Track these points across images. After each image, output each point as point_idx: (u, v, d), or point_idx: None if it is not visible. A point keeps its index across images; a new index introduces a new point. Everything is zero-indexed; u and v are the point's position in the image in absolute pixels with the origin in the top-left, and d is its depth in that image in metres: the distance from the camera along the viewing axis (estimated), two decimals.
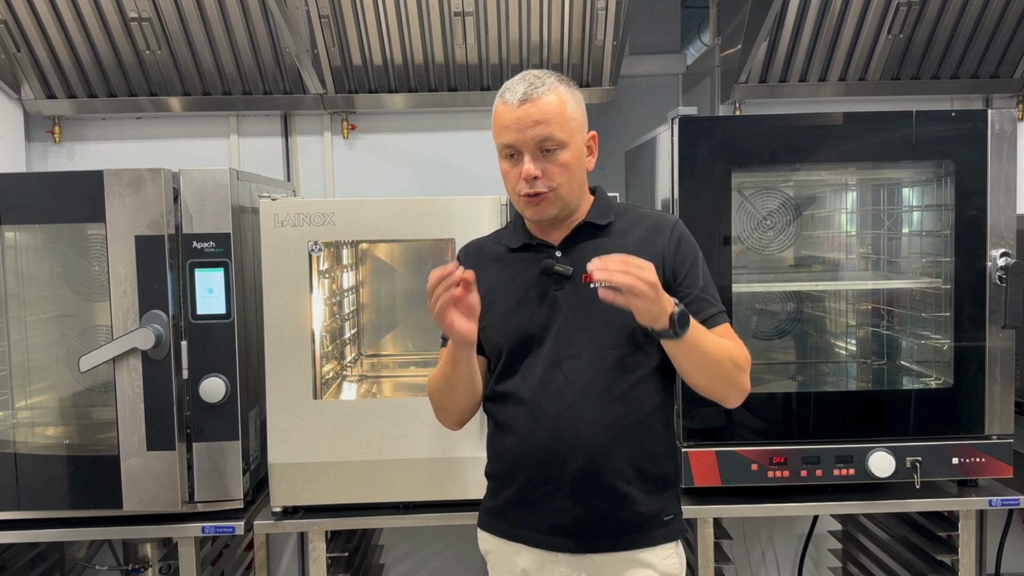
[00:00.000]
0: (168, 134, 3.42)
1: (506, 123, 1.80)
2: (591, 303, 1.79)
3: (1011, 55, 3.25)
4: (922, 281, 2.71)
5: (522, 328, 1.87)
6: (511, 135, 1.80)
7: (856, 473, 2.53)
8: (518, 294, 1.89)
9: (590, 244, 1.87)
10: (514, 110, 1.79)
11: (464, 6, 3.03)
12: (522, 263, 1.91)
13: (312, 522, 2.50)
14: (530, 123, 1.78)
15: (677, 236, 1.89)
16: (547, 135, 1.79)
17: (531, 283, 1.88)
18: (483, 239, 2.04)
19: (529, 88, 1.80)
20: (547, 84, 1.82)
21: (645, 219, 1.92)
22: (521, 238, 1.93)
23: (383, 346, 3.15)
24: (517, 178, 1.82)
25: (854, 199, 3.07)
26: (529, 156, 1.80)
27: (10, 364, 2.59)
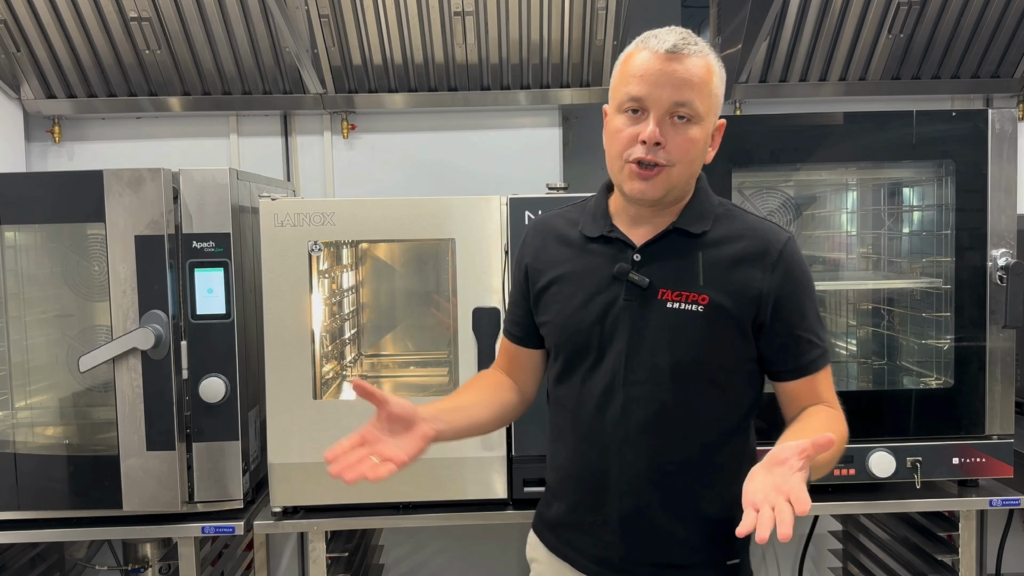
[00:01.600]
0: (168, 134, 3.42)
1: (643, 71, 1.53)
2: (664, 324, 1.59)
3: (1011, 55, 3.25)
4: (922, 281, 2.70)
5: (582, 337, 1.65)
6: (644, 87, 1.53)
7: (856, 473, 2.53)
8: (583, 295, 1.65)
9: (676, 250, 1.62)
10: (657, 60, 1.53)
11: (464, 6, 3.03)
12: (594, 258, 1.66)
13: (312, 522, 2.50)
14: (675, 80, 1.52)
15: (784, 267, 1.61)
16: (687, 100, 1.53)
17: (600, 285, 1.64)
18: (554, 215, 1.79)
19: (681, 42, 1.55)
20: (700, 46, 1.57)
21: (748, 232, 1.64)
22: (600, 227, 1.67)
23: (383, 346, 3.15)
24: (631, 140, 1.54)
25: (854, 199, 3.07)
26: (656, 118, 1.53)
27: (10, 364, 2.59)
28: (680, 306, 1.58)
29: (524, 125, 3.44)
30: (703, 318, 1.59)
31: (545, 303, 1.71)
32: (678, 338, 1.58)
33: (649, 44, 1.57)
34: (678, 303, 1.58)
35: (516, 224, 2.45)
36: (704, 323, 1.59)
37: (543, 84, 3.33)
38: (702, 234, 1.63)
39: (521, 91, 3.33)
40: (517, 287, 1.80)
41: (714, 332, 1.60)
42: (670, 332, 1.59)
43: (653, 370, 1.61)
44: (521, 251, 1.79)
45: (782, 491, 1.29)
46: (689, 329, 1.59)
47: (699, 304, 1.59)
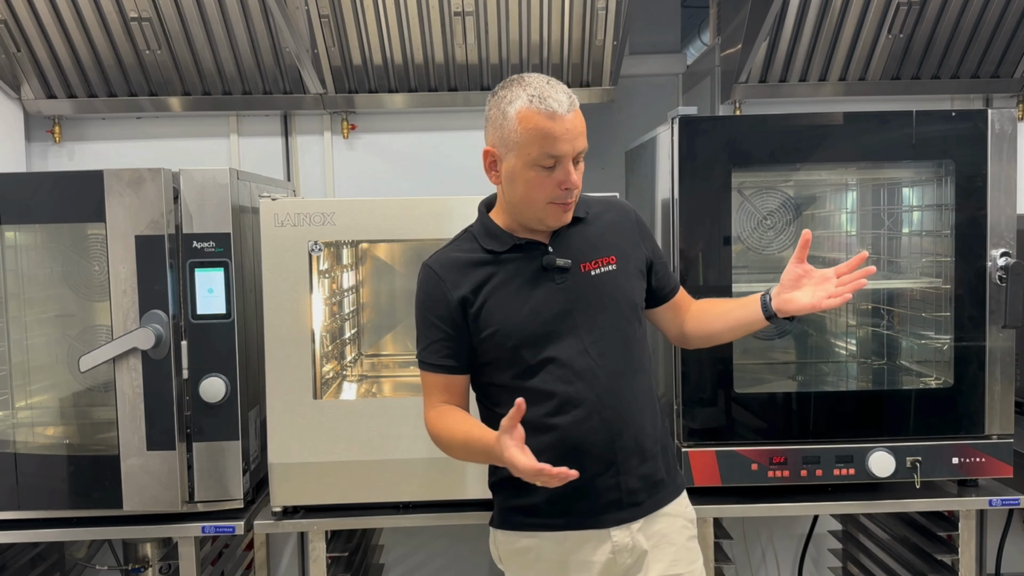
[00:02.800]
0: (168, 134, 3.42)
1: (557, 133, 1.81)
2: (595, 288, 1.95)
3: (1011, 55, 3.25)
4: (922, 281, 2.71)
5: (539, 324, 1.91)
6: (559, 145, 1.82)
7: (856, 473, 2.53)
8: (522, 294, 1.93)
9: (574, 233, 1.98)
10: (563, 120, 1.82)
11: (464, 6, 3.03)
12: (514, 264, 1.95)
13: (312, 522, 2.50)
14: (577, 134, 1.85)
15: (637, 217, 2.09)
16: (585, 147, 1.89)
17: (532, 281, 1.93)
18: (445, 252, 2.02)
19: (570, 99, 1.85)
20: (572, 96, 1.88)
21: (606, 205, 2.07)
22: (507, 240, 1.96)
23: (383, 346, 3.15)
24: (553, 186, 1.86)
25: (854, 199, 3.07)
26: (572, 166, 1.86)
27: (10, 364, 2.59)
28: (601, 270, 1.96)
29: None
30: (620, 272, 1.99)
31: (485, 319, 1.92)
32: (610, 293, 1.96)
33: (549, 106, 1.81)
34: (598, 268, 1.96)
35: None
36: (622, 275, 1.99)
37: None
38: (585, 216, 2.01)
39: None
40: (447, 322, 1.95)
41: (629, 281, 2.00)
42: (603, 291, 1.95)
43: (604, 326, 1.94)
44: (441, 290, 1.96)
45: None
46: (618, 283, 1.98)
47: (611, 264, 1.98)
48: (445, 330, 1.96)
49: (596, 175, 3.76)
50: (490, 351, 1.94)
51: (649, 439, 1.97)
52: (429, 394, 2.01)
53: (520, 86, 1.86)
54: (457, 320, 1.94)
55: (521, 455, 1.69)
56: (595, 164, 3.82)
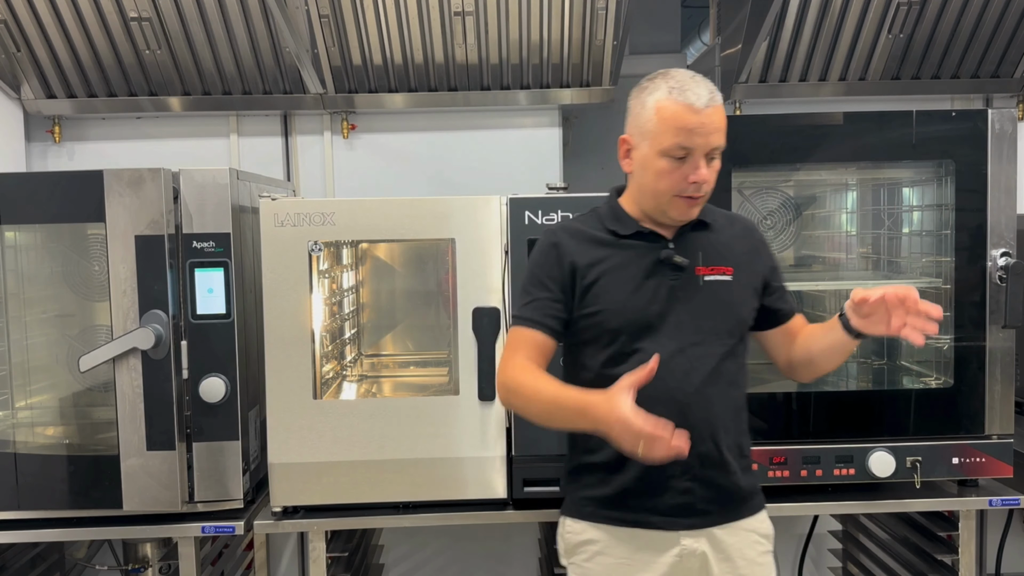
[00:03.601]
0: (168, 134, 3.42)
1: (690, 125, 1.83)
2: (706, 294, 1.95)
3: (1011, 55, 3.25)
4: (922, 281, 2.70)
5: (641, 315, 1.91)
6: (693, 138, 1.83)
7: (856, 473, 2.53)
8: (635, 281, 1.93)
9: (699, 238, 1.98)
10: (698, 113, 1.83)
11: (464, 6, 3.03)
12: (634, 251, 1.95)
13: (312, 522, 2.50)
14: (712, 129, 1.85)
15: (761, 236, 2.11)
16: (720, 144, 1.88)
17: (647, 271, 1.94)
18: (572, 223, 2.04)
19: (711, 95, 1.86)
20: (717, 91, 1.89)
21: (732, 219, 2.10)
22: (631, 226, 1.97)
23: (383, 346, 3.15)
24: (681, 179, 1.87)
25: (854, 199, 3.07)
26: (703, 161, 1.86)
27: (10, 364, 2.59)
28: (715, 278, 1.96)
29: (524, 125, 3.44)
30: (734, 285, 1.98)
31: (593, 297, 1.93)
32: (719, 302, 1.95)
33: (688, 98, 1.84)
34: (713, 276, 1.96)
35: (516, 224, 2.45)
36: (736, 289, 1.98)
37: (543, 84, 3.33)
38: (711, 223, 2.01)
39: (521, 91, 3.33)
40: (559, 284, 1.96)
41: (741, 296, 1.99)
42: (712, 299, 1.95)
43: (707, 332, 1.93)
44: (559, 252, 1.98)
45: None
46: (728, 295, 1.97)
47: (726, 274, 1.97)
48: (554, 291, 1.95)
49: (596, 175, 3.76)
50: (589, 330, 1.95)
51: (732, 453, 1.96)
52: (516, 350, 1.95)
53: (663, 78, 1.90)
54: (567, 285, 1.95)
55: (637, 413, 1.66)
56: (595, 164, 3.83)
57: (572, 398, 1.82)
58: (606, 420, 1.71)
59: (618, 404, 1.68)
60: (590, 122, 3.83)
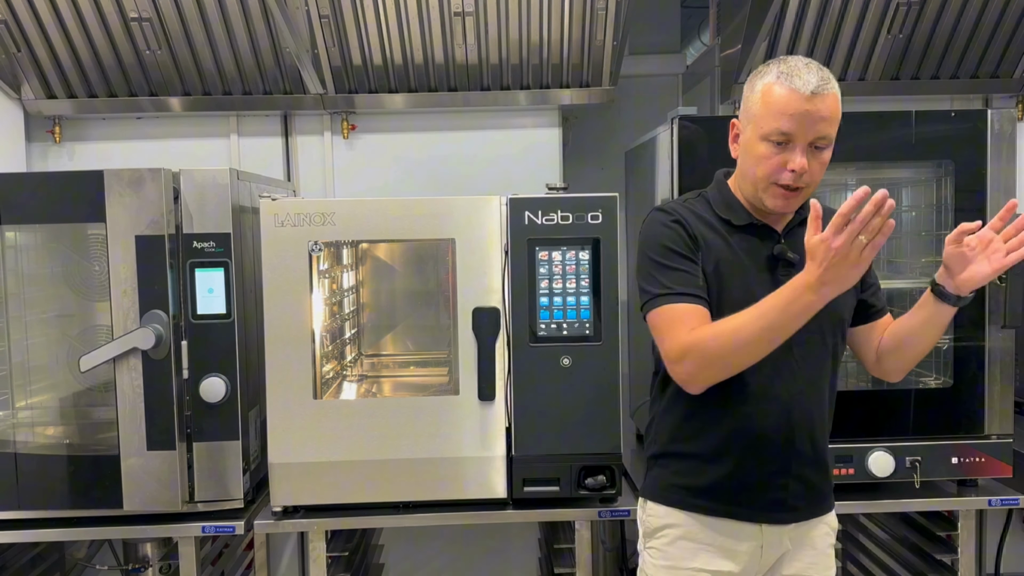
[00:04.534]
0: (168, 134, 3.42)
1: (792, 110, 1.77)
2: None
3: (1011, 55, 3.25)
4: (922, 281, 2.70)
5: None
6: (793, 124, 1.78)
7: (856, 473, 2.53)
8: (748, 274, 1.89)
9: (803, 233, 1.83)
10: (803, 100, 1.77)
11: (464, 6, 3.03)
12: (747, 243, 1.91)
13: (312, 522, 2.50)
14: (817, 118, 1.78)
15: None
16: (827, 134, 1.81)
17: (759, 265, 1.90)
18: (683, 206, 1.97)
19: (821, 82, 1.78)
20: (831, 80, 1.82)
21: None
22: (744, 216, 1.93)
23: (383, 346, 3.15)
24: (778, 166, 1.81)
25: None
26: (803, 150, 1.79)
27: (10, 364, 2.59)
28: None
29: (524, 125, 3.44)
30: None
31: (715, 282, 1.89)
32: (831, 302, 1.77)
33: (794, 83, 1.78)
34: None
35: (516, 224, 2.45)
36: None
37: (543, 84, 3.33)
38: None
39: (521, 91, 3.33)
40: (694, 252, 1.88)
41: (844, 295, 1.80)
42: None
43: (813, 331, 1.85)
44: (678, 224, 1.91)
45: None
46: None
47: None
48: (693, 260, 1.88)
49: (596, 175, 3.76)
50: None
51: (824, 452, 1.98)
52: (682, 322, 1.83)
53: (776, 64, 1.84)
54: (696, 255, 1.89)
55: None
56: (595, 164, 3.83)
57: (768, 301, 1.74)
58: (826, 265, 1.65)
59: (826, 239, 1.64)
60: (590, 122, 3.83)
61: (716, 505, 1.95)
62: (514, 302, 2.45)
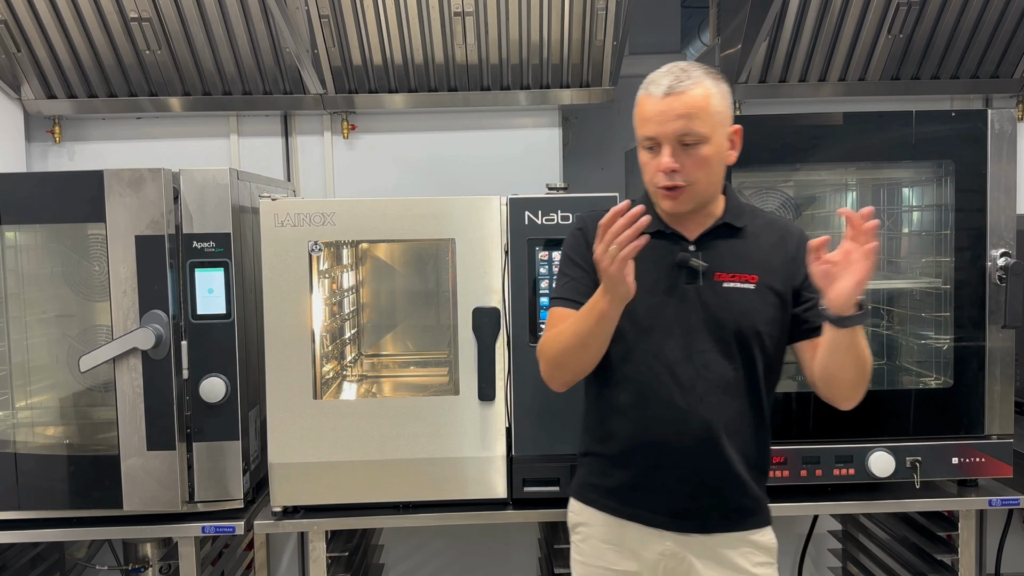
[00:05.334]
0: (168, 134, 3.42)
1: (648, 115, 1.83)
2: (723, 300, 1.89)
3: (1011, 55, 3.26)
4: (922, 281, 2.71)
5: (653, 316, 1.90)
6: (652, 127, 1.83)
7: (856, 473, 2.53)
8: (651, 281, 1.90)
9: (724, 244, 1.93)
10: (657, 103, 1.82)
11: (464, 6, 3.03)
12: (654, 250, 1.88)
13: (312, 522, 2.50)
14: (672, 116, 1.80)
15: (800, 243, 1.93)
16: (688, 129, 1.81)
17: (664, 272, 1.92)
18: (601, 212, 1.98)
19: (674, 81, 1.82)
20: (693, 77, 1.83)
21: (774, 224, 1.99)
22: (655, 224, 1.93)
23: (383, 346, 3.15)
24: (655, 170, 1.85)
25: (854, 199, 3.07)
26: (669, 149, 1.82)
27: (10, 364, 2.59)
28: (735, 285, 1.89)
29: (524, 125, 3.44)
30: (755, 294, 1.90)
31: None
32: (736, 311, 1.88)
33: (649, 89, 1.86)
34: (733, 283, 1.90)
35: (516, 224, 2.45)
36: (757, 298, 1.90)
37: (543, 84, 3.33)
38: (743, 227, 1.95)
39: (521, 91, 3.33)
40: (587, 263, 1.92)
41: (766, 306, 1.90)
42: (733, 308, 1.89)
43: (718, 340, 1.88)
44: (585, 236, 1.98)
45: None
46: (747, 304, 1.89)
47: (750, 283, 1.90)
48: (585, 269, 1.96)
49: (596, 175, 3.76)
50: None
51: (736, 464, 1.92)
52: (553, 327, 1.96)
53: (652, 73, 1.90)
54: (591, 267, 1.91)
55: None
56: (595, 164, 3.83)
57: (582, 311, 1.85)
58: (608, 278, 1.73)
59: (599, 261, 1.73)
60: (590, 122, 3.83)
61: (621, 507, 1.98)
62: (514, 302, 2.45)
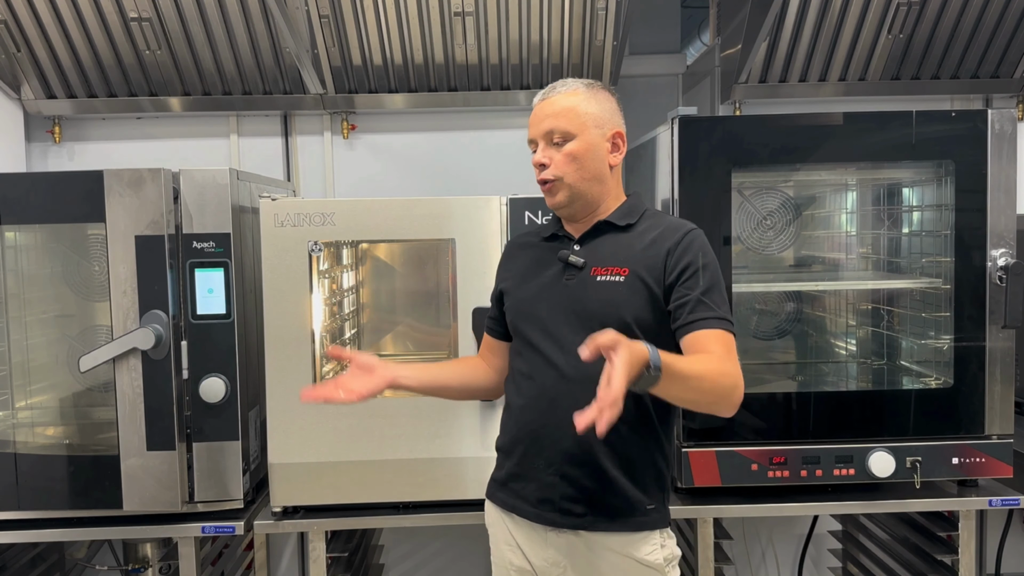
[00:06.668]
0: (168, 134, 3.43)
1: (530, 120, 2.00)
2: (594, 293, 1.93)
3: (1011, 55, 3.25)
4: (922, 281, 2.71)
5: (531, 309, 1.99)
6: (530, 131, 1.99)
7: (856, 473, 2.53)
8: (533, 279, 2.02)
9: (607, 240, 1.99)
10: (536, 108, 1.99)
11: (464, 6, 3.03)
12: (544, 251, 2.05)
13: (312, 522, 2.50)
14: (543, 116, 1.95)
15: (688, 241, 1.91)
16: (553, 127, 1.93)
17: (547, 270, 2.01)
18: (529, 232, 2.19)
19: (549, 90, 1.99)
20: (568, 86, 1.98)
21: (665, 224, 1.98)
22: (552, 229, 2.08)
23: (383, 346, 3.15)
24: (536, 168, 1.97)
25: (854, 199, 3.07)
26: (542, 146, 1.96)
27: (10, 364, 2.59)
28: (607, 278, 1.93)
29: (524, 125, 3.43)
30: (625, 286, 1.91)
31: (506, 291, 2.07)
32: (606, 303, 1.91)
33: (534, 101, 2.01)
34: (605, 276, 1.93)
35: (516, 224, 2.45)
36: (626, 290, 1.91)
37: (543, 84, 3.32)
38: (627, 226, 1.99)
39: (521, 91, 3.33)
40: (497, 288, 2.13)
41: (635, 297, 1.90)
42: (601, 299, 1.92)
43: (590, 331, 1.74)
44: (503, 259, 2.18)
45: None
46: (615, 295, 1.91)
47: (620, 276, 1.92)
48: (497, 293, 2.12)
49: None
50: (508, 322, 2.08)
51: (605, 458, 1.88)
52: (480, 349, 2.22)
53: None
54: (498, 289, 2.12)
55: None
56: None
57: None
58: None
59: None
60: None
61: (506, 498, 2.02)
62: None
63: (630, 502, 1.91)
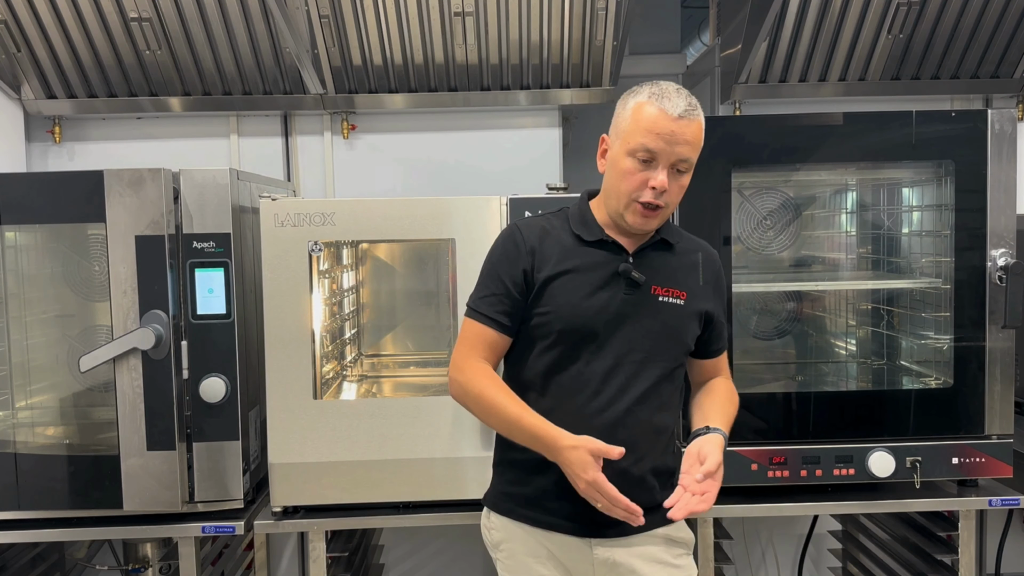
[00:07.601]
0: (168, 134, 3.42)
1: (658, 129, 1.84)
2: (656, 314, 1.95)
3: (1011, 55, 3.25)
4: (922, 281, 2.71)
5: (588, 322, 1.92)
6: (659, 143, 1.84)
7: (856, 473, 2.53)
8: (589, 288, 1.93)
9: (659, 258, 1.99)
10: (671, 122, 1.84)
11: (464, 6, 3.03)
12: (594, 258, 1.95)
13: (312, 522, 2.50)
14: (681, 140, 1.85)
15: (720, 269, 2.08)
16: (688, 157, 1.88)
17: (603, 281, 1.94)
18: (539, 221, 2.04)
19: (688, 107, 1.86)
20: (699, 108, 1.90)
21: (697, 245, 2.07)
22: (596, 233, 1.97)
23: (383, 346, 3.15)
24: (641, 184, 1.87)
25: (854, 199, 3.07)
26: (666, 170, 1.86)
27: (10, 364, 2.59)
28: (668, 300, 1.96)
29: (524, 125, 3.44)
30: (683, 309, 1.98)
31: (549, 295, 1.93)
32: (668, 324, 1.96)
33: (664, 105, 1.86)
34: (667, 297, 1.96)
35: None
36: (684, 313, 1.98)
37: (543, 84, 3.33)
38: (673, 245, 2.02)
39: (521, 91, 3.33)
40: (513, 281, 1.95)
41: (690, 320, 2.00)
42: (662, 320, 1.96)
43: (649, 351, 1.95)
44: (517, 249, 1.97)
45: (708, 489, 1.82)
46: (675, 317, 1.97)
47: (680, 299, 1.98)
48: (509, 288, 1.95)
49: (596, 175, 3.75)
50: (537, 328, 1.95)
51: (651, 473, 1.96)
52: (471, 346, 1.97)
53: (649, 85, 1.91)
54: (520, 283, 1.95)
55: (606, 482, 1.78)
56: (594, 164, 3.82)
57: (535, 427, 1.86)
58: (571, 469, 1.81)
59: (589, 467, 1.78)
60: (590, 122, 3.83)
61: (541, 516, 1.97)
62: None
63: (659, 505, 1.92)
